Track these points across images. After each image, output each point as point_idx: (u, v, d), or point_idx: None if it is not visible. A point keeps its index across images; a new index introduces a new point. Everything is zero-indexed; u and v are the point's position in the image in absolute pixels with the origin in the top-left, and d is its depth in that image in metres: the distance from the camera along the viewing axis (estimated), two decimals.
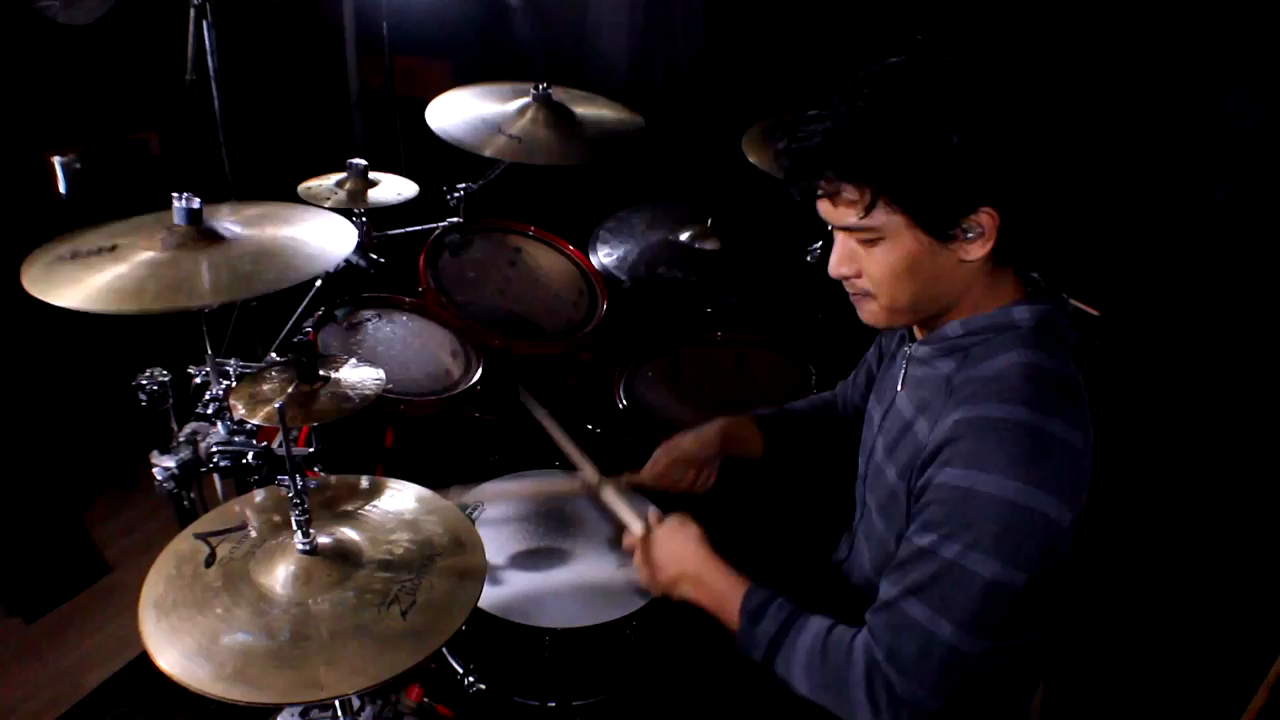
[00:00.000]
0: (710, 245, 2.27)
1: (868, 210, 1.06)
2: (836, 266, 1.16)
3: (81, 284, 1.24)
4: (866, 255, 1.12)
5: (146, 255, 1.30)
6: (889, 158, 1.03)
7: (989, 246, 1.07)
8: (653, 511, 1.40)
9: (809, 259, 2.21)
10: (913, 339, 1.25)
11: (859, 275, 1.14)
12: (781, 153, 1.12)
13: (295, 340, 1.77)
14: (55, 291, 1.22)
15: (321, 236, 1.45)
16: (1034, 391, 1.06)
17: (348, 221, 1.53)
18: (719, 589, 1.25)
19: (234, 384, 1.48)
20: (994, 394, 1.07)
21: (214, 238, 1.36)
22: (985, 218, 1.06)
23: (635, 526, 1.38)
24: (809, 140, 1.07)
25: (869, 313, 1.18)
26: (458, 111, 2.07)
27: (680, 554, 1.30)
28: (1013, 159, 1.04)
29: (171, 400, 1.43)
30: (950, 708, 1.10)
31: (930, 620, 1.06)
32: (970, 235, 1.07)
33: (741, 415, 1.64)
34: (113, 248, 1.30)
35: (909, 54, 1.06)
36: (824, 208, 1.12)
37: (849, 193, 1.07)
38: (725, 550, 1.29)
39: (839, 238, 1.14)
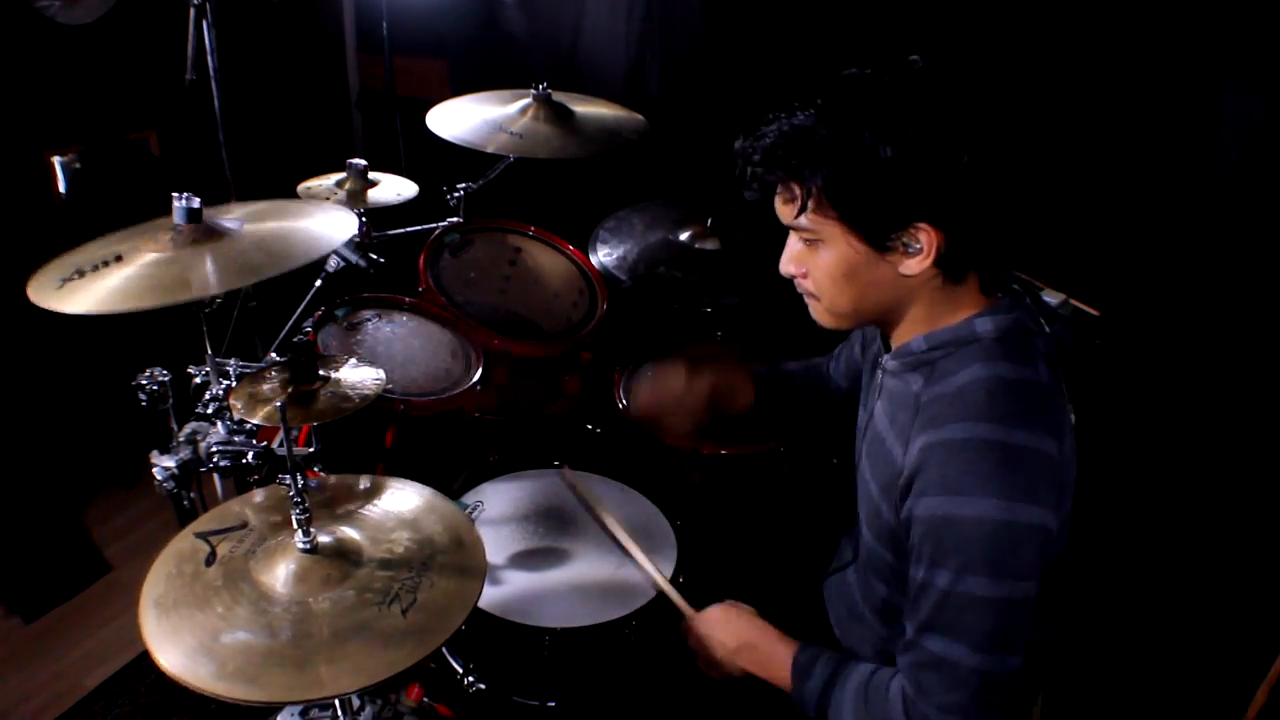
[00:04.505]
0: (710, 245, 2.27)
1: (802, 209, 1.10)
2: (784, 265, 1.21)
3: (91, 292, 1.22)
4: (811, 257, 1.16)
5: (151, 256, 1.28)
6: (823, 160, 1.07)
7: (928, 263, 1.09)
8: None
9: None
10: (886, 349, 1.26)
11: (805, 276, 1.19)
12: (736, 151, 1.17)
13: (295, 340, 1.77)
14: (68, 302, 1.20)
15: (322, 224, 1.43)
16: (995, 406, 1.07)
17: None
18: (772, 654, 1.29)
19: (234, 384, 1.48)
20: (955, 414, 1.08)
21: (216, 234, 1.34)
22: (924, 235, 1.07)
23: (686, 609, 1.43)
24: (761, 140, 1.12)
25: (815, 312, 1.23)
26: (458, 118, 2.07)
27: (736, 628, 1.35)
28: (949, 180, 1.05)
29: (171, 400, 1.43)
30: None
31: (948, 651, 1.07)
32: (910, 250, 1.09)
33: (736, 369, 1.70)
34: (118, 258, 1.29)
35: (873, 66, 1.10)
36: (776, 205, 1.16)
37: (790, 192, 1.12)
38: (725, 548, 1.30)
39: (790, 238, 1.19)
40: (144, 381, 1.41)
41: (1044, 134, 2.18)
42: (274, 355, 1.73)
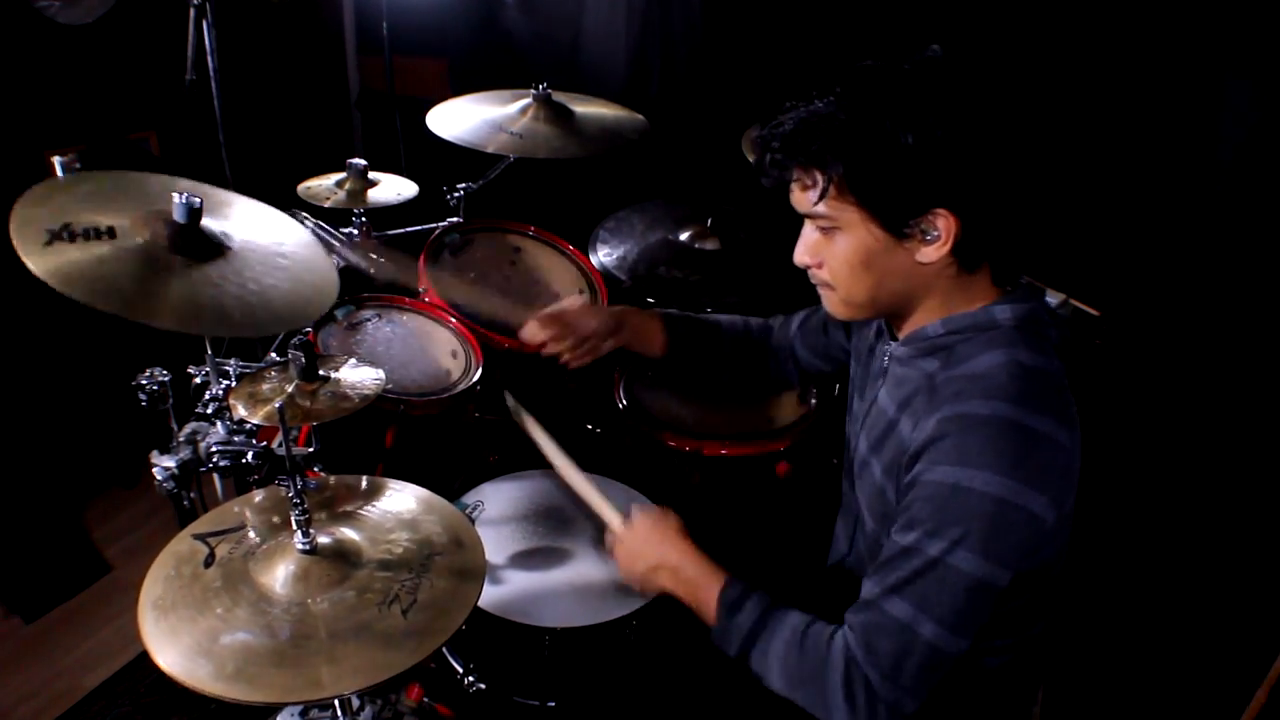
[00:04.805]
0: (710, 245, 2.27)
1: (822, 196, 1.10)
2: (799, 255, 1.21)
3: (71, 263, 1.17)
4: (827, 246, 1.16)
5: (140, 244, 1.25)
6: (843, 147, 1.07)
7: (945, 250, 1.09)
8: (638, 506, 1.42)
9: None
10: (892, 337, 1.26)
11: (820, 266, 1.19)
12: (755, 139, 1.17)
13: (295, 340, 1.77)
14: (44, 264, 1.15)
15: (311, 285, 1.40)
16: (1019, 389, 1.07)
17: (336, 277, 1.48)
18: (696, 579, 1.26)
19: (234, 384, 1.48)
20: (979, 392, 1.08)
21: (207, 248, 1.31)
22: (942, 221, 1.08)
23: (613, 520, 1.40)
24: (780, 127, 1.12)
25: (829, 303, 1.23)
26: (458, 118, 2.07)
27: (658, 543, 1.31)
28: (968, 166, 1.06)
29: (171, 400, 1.43)
30: (954, 706, 1.10)
31: (911, 618, 1.06)
32: (928, 237, 1.09)
33: (649, 311, 1.71)
34: (111, 232, 1.25)
35: (888, 56, 1.10)
36: (793, 194, 1.16)
37: (809, 178, 1.12)
38: (725, 547, 1.30)
39: (805, 227, 1.19)
40: (144, 381, 1.41)
41: (1042, 135, 2.18)
42: (274, 355, 1.73)
